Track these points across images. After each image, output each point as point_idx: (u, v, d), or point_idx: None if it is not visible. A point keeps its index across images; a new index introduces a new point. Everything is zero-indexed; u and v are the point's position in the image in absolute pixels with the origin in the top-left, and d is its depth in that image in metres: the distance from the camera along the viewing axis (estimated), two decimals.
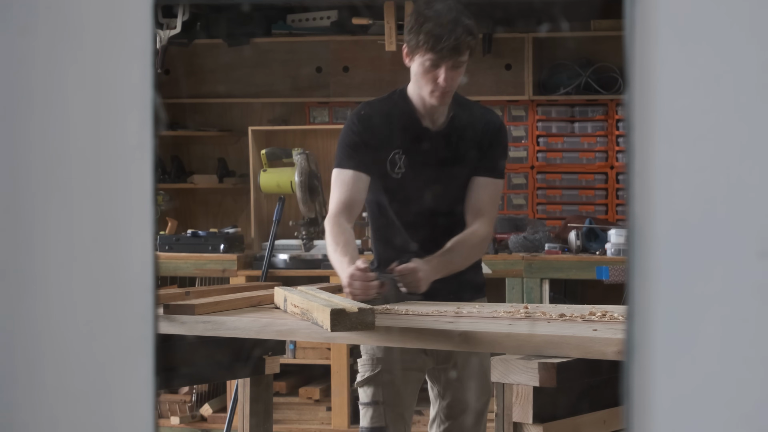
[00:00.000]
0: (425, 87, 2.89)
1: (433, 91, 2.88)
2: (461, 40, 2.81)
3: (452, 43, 2.80)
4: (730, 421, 1.07)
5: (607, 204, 5.58)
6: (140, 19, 1.14)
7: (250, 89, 5.90)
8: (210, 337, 2.73)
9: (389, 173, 2.96)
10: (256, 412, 3.16)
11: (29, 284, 1.16)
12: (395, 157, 2.96)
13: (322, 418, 5.26)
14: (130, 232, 1.15)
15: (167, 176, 5.84)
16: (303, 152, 5.10)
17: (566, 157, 5.61)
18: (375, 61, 5.69)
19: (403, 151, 2.96)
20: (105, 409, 1.16)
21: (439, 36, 2.80)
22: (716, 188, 1.07)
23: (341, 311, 2.28)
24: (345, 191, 2.92)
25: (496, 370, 2.12)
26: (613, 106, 5.54)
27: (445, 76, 2.84)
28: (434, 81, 2.86)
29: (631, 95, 1.08)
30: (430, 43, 2.81)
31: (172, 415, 5.30)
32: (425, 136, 2.97)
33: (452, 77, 2.86)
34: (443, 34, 2.80)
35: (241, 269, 5.26)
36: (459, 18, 2.82)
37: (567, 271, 4.96)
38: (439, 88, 2.86)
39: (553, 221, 5.54)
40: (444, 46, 2.80)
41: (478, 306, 2.70)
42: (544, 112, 5.60)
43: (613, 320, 2.37)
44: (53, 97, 1.15)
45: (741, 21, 1.07)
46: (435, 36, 2.80)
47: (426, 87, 2.89)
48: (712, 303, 1.07)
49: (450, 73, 2.85)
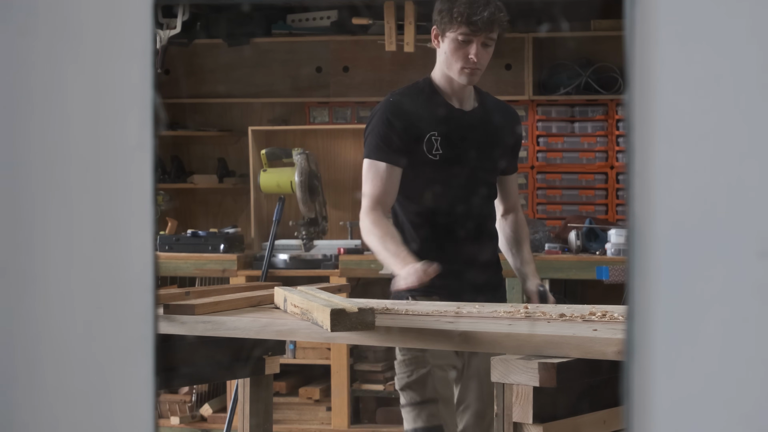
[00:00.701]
0: (455, 64, 2.93)
1: (463, 68, 2.92)
2: (495, 16, 2.89)
3: (486, 17, 2.88)
4: (730, 421, 1.07)
5: (607, 204, 5.58)
6: (140, 19, 1.14)
7: (250, 89, 5.90)
8: (210, 337, 2.73)
9: (427, 156, 2.96)
10: (256, 412, 3.16)
11: (29, 284, 1.16)
12: (431, 138, 2.96)
13: (322, 418, 5.26)
14: (130, 232, 1.15)
15: (167, 176, 5.84)
16: (303, 152, 5.10)
17: (566, 157, 5.61)
18: (375, 61, 5.69)
19: (438, 132, 2.97)
20: (105, 409, 1.16)
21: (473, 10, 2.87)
22: (716, 188, 1.07)
23: (341, 311, 2.28)
24: (380, 185, 2.94)
25: (496, 370, 2.12)
26: (613, 106, 5.54)
27: (477, 51, 2.89)
28: (465, 57, 2.91)
29: (631, 95, 1.08)
30: (465, 16, 2.88)
31: (172, 415, 5.30)
32: (459, 116, 3.00)
33: (483, 55, 2.92)
34: (477, 8, 2.88)
35: (241, 269, 5.26)
36: None
37: (567, 271, 4.96)
38: (470, 64, 2.91)
39: (553, 221, 5.54)
40: (479, 18, 2.87)
41: (478, 306, 2.70)
42: (544, 112, 5.60)
43: (613, 320, 2.37)
44: (53, 97, 1.15)
45: (741, 21, 1.07)
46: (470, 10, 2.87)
47: (456, 64, 2.93)
48: (712, 303, 1.07)
49: (481, 51, 2.91)
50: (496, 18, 2.90)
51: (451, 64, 2.94)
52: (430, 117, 2.98)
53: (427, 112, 2.98)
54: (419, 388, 2.90)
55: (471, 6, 2.88)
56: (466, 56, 2.91)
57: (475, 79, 2.97)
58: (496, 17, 2.89)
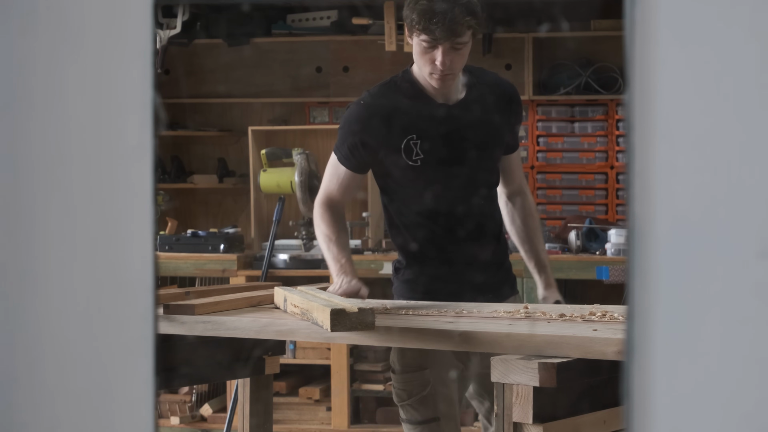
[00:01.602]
0: (424, 68, 2.71)
1: (431, 73, 2.71)
2: (458, 21, 2.61)
3: (447, 24, 2.60)
4: (730, 421, 1.07)
5: (607, 204, 5.58)
6: (140, 19, 1.14)
7: (250, 89, 5.90)
8: (210, 337, 2.73)
9: (407, 162, 2.77)
10: (256, 412, 3.16)
11: (29, 284, 1.16)
12: (410, 143, 2.76)
13: (322, 418, 5.26)
14: (130, 232, 1.15)
15: (167, 176, 5.84)
16: (303, 152, 5.10)
17: (566, 157, 5.61)
18: (375, 61, 5.69)
19: (418, 135, 2.77)
20: (105, 409, 1.16)
21: (432, 16, 2.60)
22: (716, 188, 1.07)
23: (341, 311, 2.28)
24: (336, 184, 2.85)
25: (496, 370, 2.12)
26: (613, 106, 5.54)
27: (443, 59, 2.65)
28: (432, 62, 2.68)
29: (631, 95, 1.08)
30: (422, 24, 2.62)
31: (172, 415, 5.30)
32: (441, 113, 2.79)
33: (451, 59, 2.67)
34: (438, 13, 2.60)
35: (241, 269, 5.26)
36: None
37: (567, 271, 4.96)
38: (437, 70, 2.69)
39: (553, 221, 5.54)
40: (437, 27, 2.60)
41: (478, 306, 2.69)
42: (544, 112, 5.60)
43: (613, 320, 2.37)
44: (53, 97, 1.15)
45: (741, 21, 1.07)
46: (428, 15, 2.61)
47: (425, 68, 2.71)
48: (712, 303, 1.07)
49: (448, 56, 2.66)
50: (458, 24, 2.60)
51: (421, 67, 2.73)
52: (407, 119, 2.77)
53: (403, 115, 2.77)
54: (420, 407, 2.78)
55: (430, 12, 2.60)
56: (432, 61, 2.67)
57: (448, 84, 2.74)
58: (457, 23, 2.60)
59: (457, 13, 2.61)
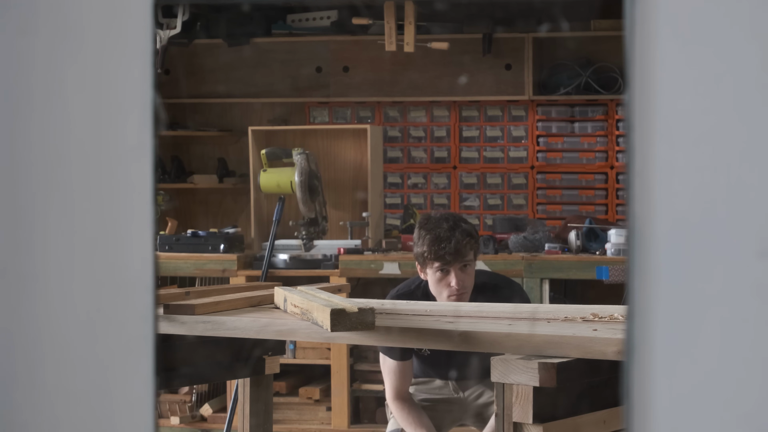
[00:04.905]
0: (442, 293, 3.14)
1: (449, 296, 3.13)
2: (461, 243, 3.11)
3: (453, 247, 3.09)
4: (729, 421, 1.07)
5: (607, 204, 5.58)
6: (140, 19, 1.14)
7: (250, 89, 5.90)
8: (210, 337, 2.73)
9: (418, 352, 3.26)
10: (256, 412, 3.16)
11: (29, 284, 1.16)
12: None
13: (322, 418, 5.26)
14: (130, 232, 1.15)
15: (167, 176, 5.84)
16: (303, 152, 5.10)
17: (566, 157, 5.61)
18: (375, 61, 5.69)
19: None
20: (105, 409, 1.16)
21: (440, 243, 3.11)
22: (716, 188, 1.07)
23: (341, 311, 2.28)
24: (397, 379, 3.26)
25: (496, 370, 2.12)
26: (613, 106, 5.54)
27: (457, 279, 3.12)
28: (448, 285, 3.13)
29: (631, 95, 1.08)
30: (433, 252, 3.11)
31: (172, 415, 5.30)
32: None
33: (463, 278, 3.13)
34: (444, 239, 3.11)
35: (241, 269, 5.25)
36: (456, 224, 3.14)
37: (567, 271, 4.95)
38: (454, 291, 3.12)
39: (553, 221, 5.54)
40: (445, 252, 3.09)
41: (478, 306, 2.70)
42: (544, 112, 5.60)
43: (613, 320, 2.37)
44: (53, 97, 1.15)
45: (741, 21, 1.07)
46: (437, 244, 3.11)
47: (443, 293, 3.14)
48: (712, 303, 1.07)
49: (461, 275, 3.13)
50: (463, 246, 3.11)
51: (438, 292, 3.15)
52: None
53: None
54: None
55: (437, 242, 3.11)
56: (448, 284, 3.13)
57: (465, 299, 3.14)
58: (461, 245, 3.11)
59: (459, 237, 3.12)
